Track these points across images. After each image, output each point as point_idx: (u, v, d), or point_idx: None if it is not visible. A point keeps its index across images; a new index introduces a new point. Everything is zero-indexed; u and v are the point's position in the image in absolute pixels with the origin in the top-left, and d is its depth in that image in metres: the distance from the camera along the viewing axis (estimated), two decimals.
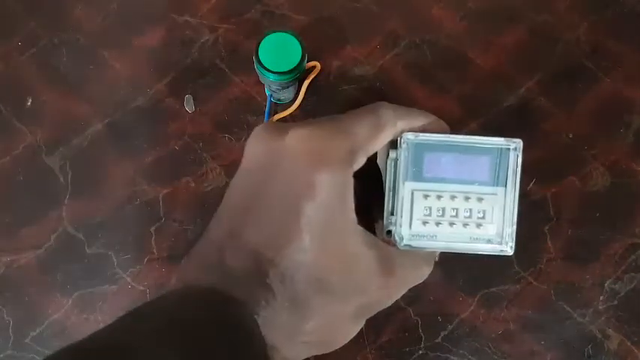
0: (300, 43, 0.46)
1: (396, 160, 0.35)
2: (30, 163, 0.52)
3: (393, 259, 0.35)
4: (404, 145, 0.35)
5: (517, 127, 0.50)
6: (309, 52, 0.47)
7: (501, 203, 0.35)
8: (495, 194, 0.35)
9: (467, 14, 0.54)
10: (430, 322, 0.50)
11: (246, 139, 0.37)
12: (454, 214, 0.35)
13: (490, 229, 0.35)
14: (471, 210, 0.35)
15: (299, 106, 0.51)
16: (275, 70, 0.45)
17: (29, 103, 0.53)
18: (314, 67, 0.51)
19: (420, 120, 0.37)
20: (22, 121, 0.52)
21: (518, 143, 0.35)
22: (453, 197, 0.34)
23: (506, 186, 0.35)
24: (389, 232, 0.36)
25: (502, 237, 0.35)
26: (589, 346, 0.49)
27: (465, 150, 0.34)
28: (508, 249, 0.36)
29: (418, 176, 0.35)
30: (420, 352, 0.49)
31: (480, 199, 0.35)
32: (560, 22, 0.54)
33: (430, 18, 0.54)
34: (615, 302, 0.50)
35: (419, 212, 0.35)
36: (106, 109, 0.53)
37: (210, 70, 0.53)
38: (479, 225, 0.35)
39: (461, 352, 0.49)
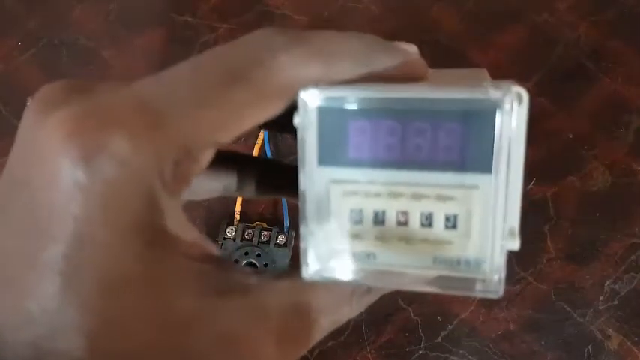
0: None
1: (302, 130, 0.19)
2: None
3: (282, 303, 0.19)
4: (307, 105, 0.18)
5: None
6: None
7: (486, 202, 0.19)
8: (474, 187, 0.19)
9: (467, 14, 0.54)
10: (430, 322, 0.50)
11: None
12: (403, 219, 0.19)
13: (466, 249, 0.19)
14: (430, 214, 0.19)
15: None
16: None
17: (29, 104, 0.53)
18: None
19: (358, 68, 0.19)
20: None
21: (511, 95, 0.18)
22: (395, 195, 0.19)
23: (491, 172, 0.18)
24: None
25: (490, 262, 0.19)
26: (589, 346, 0.49)
27: (418, 112, 0.18)
28: (491, 287, 0.19)
29: (337, 158, 0.19)
30: (420, 352, 0.49)
31: (442, 198, 0.19)
32: (560, 22, 0.54)
33: (430, 18, 0.54)
34: (615, 302, 0.50)
35: (341, 217, 0.19)
36: None
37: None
38: (445, 239, 0.19)
39: (461, 352, 0.49)
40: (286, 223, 0.51)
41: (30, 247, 0.17)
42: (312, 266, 0.20)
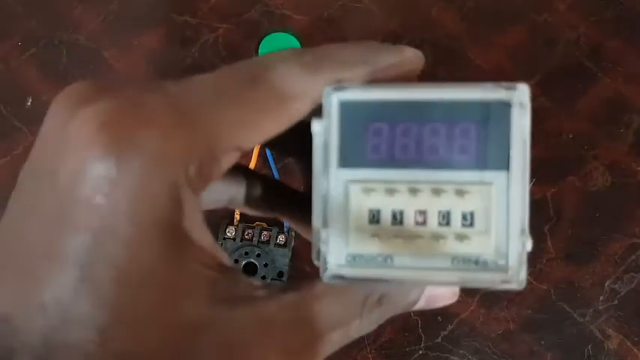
0: (300, 43, 0.46)
1: (323, 134, 0.20)
2: None
3: (288, 317, 0.20)
4: (331, 107, 0.20)
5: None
6: None
7: (502, 198, 0.19)
8: (489, 183, 0.19)
9: (467, 14, 0.54)
10: (430, 322, 0.50)
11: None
12: (420, 219, 0.20)
13: (484, 244, 0.20)
14: (448, 213, 0.19)
15: None
16: None
17: (29, 103, 0.53)
18: None
19: (364, 70, 0.20)
20: (22, 121, 0.52)
21: (522, 91, 0.20)
22: (414, 191, 0.20)
23: (508, 169, 0.19)
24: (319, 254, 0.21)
25: (506, 258, 0.20)
26: (589, 346, 0.49)
27: (433, 113, 0.20)
28: (516, 281, 0.20)
29: (356, 159, 0.20)
30: (420, 352, 0.49)
31: (460, 193, 0.20)
32: (560, 22, 0.54)
33: (430, 18, 0.54)
34: (615, 302, 0.50)
35: (359, 218, 0.20)
36: None
37: (210, 70, 0.53)
38: (462, 237, 0.20)
39: (461, 352, 0.49)
40: (286, 223, 0.51)
41: (51, 237, 0.17)
42: (331, 270, 0.20)
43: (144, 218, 0.17)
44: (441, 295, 0.22)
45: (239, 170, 0.25)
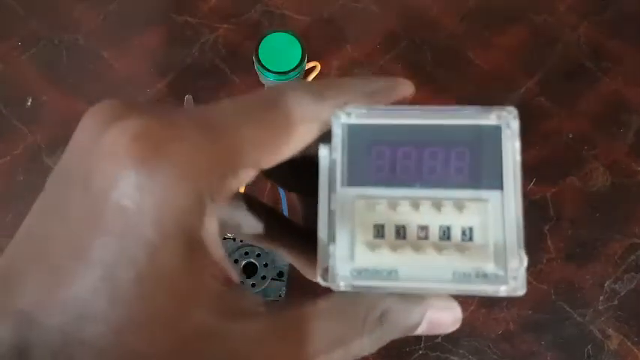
0: (300, 43, 0.46)
1: (330, 159, 0.22)
2: (30, 163, 0.52)
3: (288, 334, 0.21)
4: (337, 132, 0.22)
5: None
6: (309, 52, 0.47)
7: (498, 213, 0.21)
8: (484, 200, 0.21)
9: (467, 14, 0.54)
10: None
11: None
12: (422, 234, 0.21)
13: (483, 257, 0.21)
14: (449, 227, 0.21)
15: None
16: (275, 70, 0.45)
17: (29, 103, 0.53)
18: (314, 67, 0.51)
19: (364, 94, 0.23)
20: (22, 121, 0.52)
21: (510, 114, 0.21)
22: (415, 205, 0.21)
23: (501, 188, 0.21)
24: (326, 272, 0.22)
25: (505, 268, 0.21)
26: (589, 346, 0.49)
27: (430, 137, 0.22)
28: (515, 288, 0.21)
29: (361, 178, 0.22)
30: (420, 352, 0.49)
31: (460, 207, 0.21)
32: (560, 22, 0.54)
33: (430, 18, 0.54)
34: (615, 302, 0.50)
35: (365, 232, 0.21)
36: None
37: (210, 70, 0.53)
38: (463, 250, 0.21)
39: (461, 352, 0.49)
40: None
41: (80, 238, 0.18)
42: (341, 281, 0.21)
43: (167, 225, 0.18)
44: (444, 321, 0.23)
45: (243, 198, 0.26)
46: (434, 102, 0.51)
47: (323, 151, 0.22)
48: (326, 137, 0.22)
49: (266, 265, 0.50)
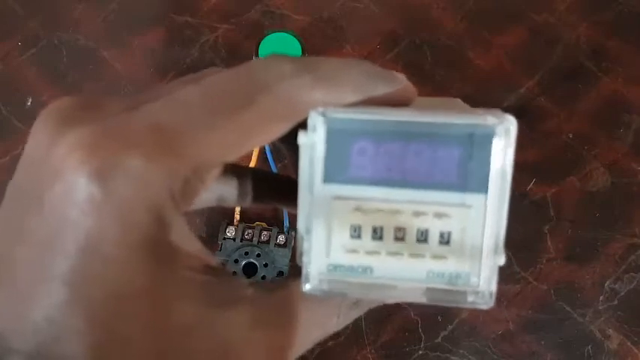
0: (300, 43, 0.46)
1: (309, 148, 0.21)
2: None
3: (275, 315, 0.21)
4: (316, 127, 0.20)
5: (517, 127, 0.50)
6: (309, 52, 0.47)
7: (478, 220, 0.21)
8: (467, 206, 0.21)
9: (467, 14, 0.54)
10: (430, 322, 0.50)
11: None
12: (400, 235, 0.21)
13: (459, 263, 0.21)
14: (426, 231, 0.21)
15: None
16: None
17: (29, 103, 0.53)
18: None
19: (362, 93, 0.20)
20: (22, 121, 0.52)
21: (506, 122, 0.20)
22: (394, 211, 0.21)
23: (486, 192, 0.20)
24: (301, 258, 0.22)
25: (479, 276, 0.21)
26: (589, 346, 0.49)
27: (417, 135, 0.20)
28: (483, 299, 0.20)
29: (341, 175, 0.21)
30: (420, 352, 0.49)
31: (439, 215, 0.21)
32: (560, 22, 0.54)
33: (430, 18, 0.54)
34: (615, 302, 0.50)
35: (341, 232, 0.21)
36: None
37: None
38: (439, 257, 0.21)
39: (461, 352, 0.49)
40: (286, 223, 0.51)
41: (40, 259, 0.18)
42: (312, 281, 0.21)
43: (128, 239, 0.17)
44: None
45: (227, 170, 0.25)
46: None
47: (303, 138, 0.20)
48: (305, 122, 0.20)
49: (266, 265, 0.50)
